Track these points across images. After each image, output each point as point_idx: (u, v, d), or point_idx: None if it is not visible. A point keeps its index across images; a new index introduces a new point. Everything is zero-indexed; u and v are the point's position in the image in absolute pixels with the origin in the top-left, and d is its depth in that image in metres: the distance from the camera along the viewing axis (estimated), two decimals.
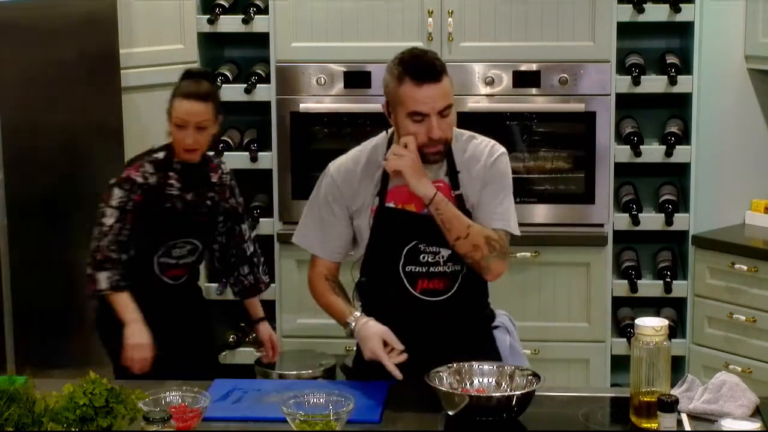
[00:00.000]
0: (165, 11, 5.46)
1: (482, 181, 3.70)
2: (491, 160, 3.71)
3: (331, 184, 3.77)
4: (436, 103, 3.55)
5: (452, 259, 3.70)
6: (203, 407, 3.24)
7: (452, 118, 3.62)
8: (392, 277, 3.71)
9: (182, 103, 4.30)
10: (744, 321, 5.40)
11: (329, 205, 3.76)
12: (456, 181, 3.70)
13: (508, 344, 3.84)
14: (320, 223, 3.79)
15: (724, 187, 5.65)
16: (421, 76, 3.54)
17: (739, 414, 3.26)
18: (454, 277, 3.72)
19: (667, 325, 3.32)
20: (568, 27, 5.44)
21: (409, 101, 3.56)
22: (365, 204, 3.72)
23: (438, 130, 3.56)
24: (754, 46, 5.53)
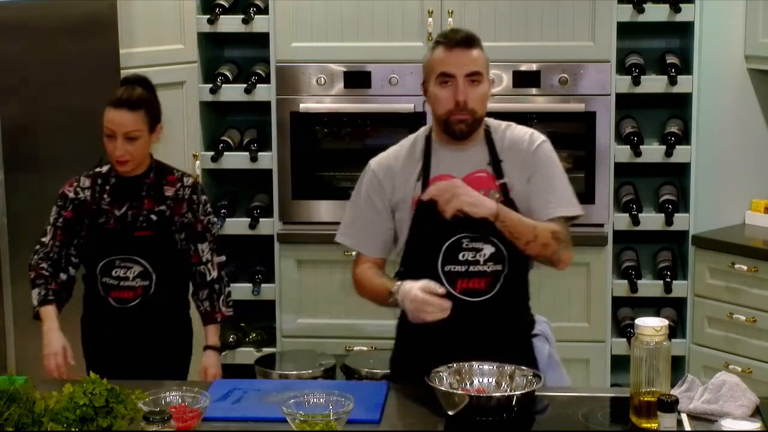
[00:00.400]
0: (165, 11, 5.46)
1: (527, 170, 3.68)
2: (533, 147, 3.71)
3: (373, 180, 3.76)
4: (464, 67, 3.61)
5: (493, 258, 3.66)
6: (203, 407, 3.24)
7: (483, 91, 3.65)
8: (431, 276, 3.64)
9: (110, 112, 4.07)
10: (744, 321, 5.40)
11: (371, 200, 3.75)
12: (499, 170, 3.69)
13: (546, 354, 3.80)
14: (363, 220, 3.78)
15: (724, 187, 5.65)
16: (453, 43, 3.63)
17: (739, 414, 3.27)
18: (495, 277, 3.68)
19: (667, 325, 3.32)
20: (568, 27, 5.44)
21: (437, 64, 3.64)
22: (407, 197, 3.70)
23: (462, 93, 3.59)
24: (754, 46, 5.53)
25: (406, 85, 5.48)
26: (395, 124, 5.54)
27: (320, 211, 5.62)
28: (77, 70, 4.94)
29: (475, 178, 3.67)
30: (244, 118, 5.95)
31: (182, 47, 5.55)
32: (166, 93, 5.46)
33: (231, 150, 5.72)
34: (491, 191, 3.66)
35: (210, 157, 5.65)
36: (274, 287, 5.70)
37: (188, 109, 5.58)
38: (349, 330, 5.65)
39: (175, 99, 5.52)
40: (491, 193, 3.65)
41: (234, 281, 5.73)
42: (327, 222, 5.62)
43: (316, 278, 5.64)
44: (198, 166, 5.61)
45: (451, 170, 3.68)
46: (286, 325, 5.70)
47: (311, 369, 5.29)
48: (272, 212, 5.68)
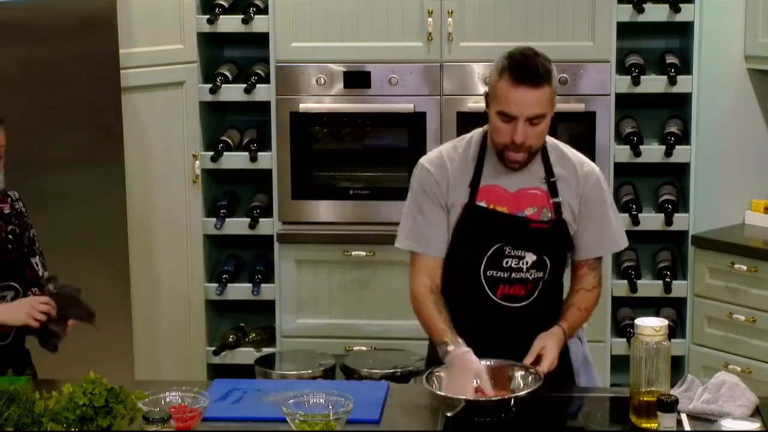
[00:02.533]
0: (165, 11, 5.46)
1: (580, 198, 3.66)
2: (591, 180, 3.68)
3: (429, 179, 3.66)
4: (527, 109, 3.48)
5: (536, 266, 3.65)
6: (203, 407, 3.24)
7: (543, 127, 3.54)
8: (472, 280, 3.65)
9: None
10: (744, 321, 5.40)
11: (428, 198, 3.66)
12: (554, 188, 3.64)
13: (581, 356, 3.81)
14: (423, 218, 3.67)
15: (724, 187, 5.65)
16: (520, 77, 3.47)
17: (738, 414, 3.26)
18: (535, 283, 3.68)
19: (666, 325, 3.32)
20: (567, 27, 5.44)
21: (501, 99, 3.51)
22: (456, 203, 3.64)
23: (521, 135, 3.49)
24: (754, 46, 5.53)
25: (406, 85, 5.48)
26: (395, 124, 5.55)
27: (320, 211, 5.62)
28: (77, 70, 4.94)
29: (530, 195, 3.65)
30: (243, 118, 5.95)
31: (182, 47, 5.55)
32: (165, 93, 5.49)
33: (231, 150, 5.71)
34: (544, 209, 3.64)
35: (210, 157, 5.65)
36: (273, 287, 5.70)
37: (188, 109, 5.58)
38: (348, 330, 5.65)
39: (175, 99, 5.53)
40: (544, 212, 3.64)
41: (233, 281, 5.76)
42: (327, 222, 5.63)
43: (316, 278, 5.64)
44: (198, 166, 5.61)
45: (503, 182, 3.64)
46: (286, 325, 5.70)
47: (311, 369, 5.28)
48: (272, 212, 5.68)
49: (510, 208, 3.63)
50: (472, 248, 3.65)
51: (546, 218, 3.63)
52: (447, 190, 3.65)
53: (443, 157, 3.68)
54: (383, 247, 5.47)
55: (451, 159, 3.68)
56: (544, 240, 3.64)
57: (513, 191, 3.63)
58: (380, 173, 5.62)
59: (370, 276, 5.60)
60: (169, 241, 5.57)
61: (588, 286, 3.75)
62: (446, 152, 3.70)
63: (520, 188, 3.64)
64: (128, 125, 5.24)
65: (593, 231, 3.70)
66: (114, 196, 5.15)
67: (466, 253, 3.66)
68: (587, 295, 3.74)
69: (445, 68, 5.47)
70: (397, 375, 5.18)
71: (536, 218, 3.63)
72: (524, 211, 3.63)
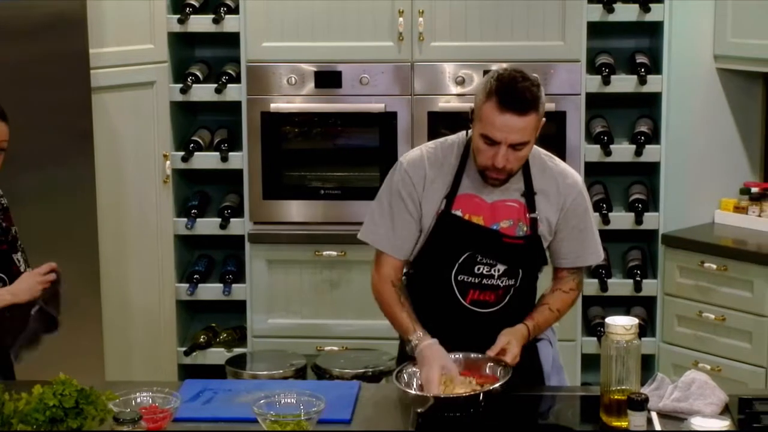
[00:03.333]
0: (135, 11, 5.44)
1: (561, 211, 3.66)
2: (573, 192, 3.67)
3: (406, 180, 3.64)
4: (510, 135, 3.44)
5: (507, 274, 3.65)
6: (174, 408, 3.23)
7: (526, 152, 3.52)
8: (443, 285, 3.65)
9: None
10: (713, 319, 5.42)
11: (402, 199, 3.64)
12: (533, 203, 3.64)
13: (551, 358, 3.81)
14: (391, 218, 3.65)
15: (694, 186, 5.67)
16: (507, 103, 3.42)
17: (708, 412, 3.28)
18: (506, 290, 3.68)
19: (637, 323, 3.33)
20: (538, 27, 5.45)
21: (486, 122, 3.46)
22: (433, 205, 3.63)
23: (503, 160, 3.47)
24: (723, 45, 5.56)
25: (377, 85, 5.48)
26: (366, 124, 5.55)
27: (291, 211, 5.62)
28: (47, 70, 4.91)
29: (507, 207, 3.64)
30: (214, 118, 5.93)
31: (152, 47, 5.53)
32: (136, 93, 5.47)
33: (201, 150, 5.70)
34: (520, 222, 3.64)
35: (180, 157, 5.64)
36: (244, 287, 5.69)
37: (158, 109, 5.57)
38: (319, 330, 5.65)
39: (146, 99, 5.51)
40: (519, 225, 3.63)
41: (204, 281, 5.75)
42: (298, 222, 5.62)
43: (287, 278, 5.64)
44: (168, 166, 5.60)
45: (482, 192, 3.62)
46: (257, 325, 5.70)
47: (282, 369, 5.28)
48: (243, 212, 5.67)
49: (486, 219, 3.62)
50: (445, 254, 3.65)
51: (521, 233, 3.63)
52: (423, 193, 3.63)
53: (423, 159, 3.66)
54: (354, 247, 5.46)
55: (431, 162, 3.65)
56: (516, 254, 3.65)
57: (491, 202, 3.63)
58: (351, 173, 5.62)
59: (341, 276, 5.60)
60: (140, 241, 5.55)
61: (566, 288, 3.76)
62: (427, 154, 3.67)
63: (498, 200, 3.63)
64: (98, 125, 5.22)
65: (574, 242, 3.72)
66: (84, 197, 5.13)
67: (439, 257, 3.66)
68: (563, 296, 3.75)
69: (416, 68, 5.48)
70: (369, 375, 5.18)
71: (511, 233, 3.63)
72: (500, 224, 3.62)
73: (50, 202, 4.92)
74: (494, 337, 3.57)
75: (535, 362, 3.72)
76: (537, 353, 3.75)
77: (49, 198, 4.93)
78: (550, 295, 3.75)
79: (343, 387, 3.68)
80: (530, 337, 3.64)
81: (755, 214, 5.58)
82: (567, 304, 3.77)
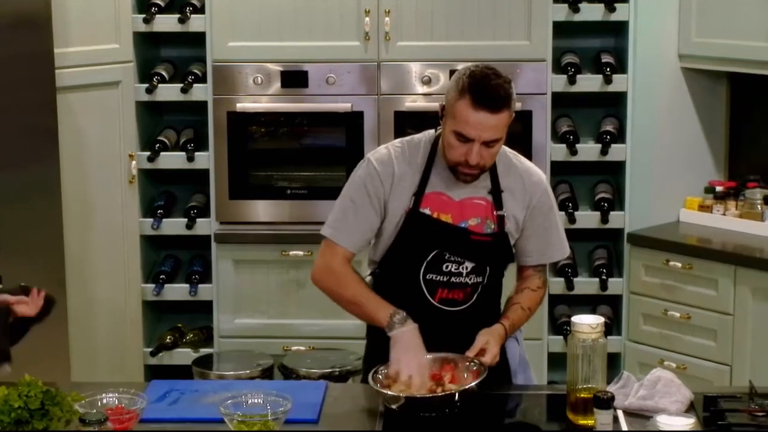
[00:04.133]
0: (100, 10, 5.41)
1: (527, 209, 3.68)
2: (539, 189, 3.70)
3: (374, 176, 3.63)
4: (484, 133, 3.45)
5: (475, 271, 3.66)
6: (140, 408, 3.23)
7: (497, 148, 3.54)
8: (411, 284, 3.65)
9: None
10: (679, 318, 5.45)
11: (368, 194, 3.62)
12: (499, 200, 3.65)
13: (517, 355, 3.82)
14: (353, 211, 3.64)
15: (659, 185, 5.70)
16: (480, 101, 3.44)
17: (673, 410, 3.30)
18: (474, 288, 3.69)
19: (603, 322, 3.35)
20: (504, 26, 5.46)
21: (459, 120, 3.47)
22: (399, 208, 3.62)
23: (476, 156, 3.48)
24: (688, 45, 5.59)
25: (343, 85, 5.48)
26: (333, 124, 5.55)
27: (257, 211, 5.61)
28: (11, 69, 4.89)
29: (474, 204, 3.64)
30: (180, 118, 5.92)
31: (118, 47, 5.51)
32: (101, 93, 5.45)
33: (167, 150, 5.68)
34: (488, 220, 3.65)
35: (146, 157, 5.62)
36: (211, 287, 5.68)
37: (124, 109, 5.55)
38: (286, 330, 5.65)
39: (111, 99, 5.49)
40: (487, 223, 3.64)
41: (171, 281, 5.73)
42: (264, 222, 5.62)
43: (254, 278, 5.63)
44: (134, 166, 5.58)
45: (450, 190, 3.63)
46: (224, 325, 5.69)
47: (249, 369, 5.27)
48: (209, 212, 5.66)
49: (454, 217, 3.63)
50: (413, 252, 3.65)
51: (489, 230, 3.64)
52: (390, 191, 3.63)
53: (391, 157, 3.65)
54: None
55: (398, 160, 3.65)
56: (484, 251, 3.66)
57: (458, 200, 3.64)
58: (318, 173, 5.62)
59: (307, 276, 5.55)
60: (106, 241, 5.53)
61: (533, 287, 3.78)
62: (395, 152, 3.67)
63: (466, 197, 3.64)
64: (64, 125, 5.19)
65: (539, 239, 3.74)
66: (49, 197, 5.11)
67: (406, 256, 3.66)
68: (532, 294, 3.77)
69: (383, 68, 5.48)
70: (336, 374, 5.19)
71: (479, 230, 3.63)
72: (468, 221, 3.63)
73: (15, 203, 4.90)
74: (463, 336, 3.58)
75: (502, 360, 3.73)
76: (504, 351, 3.75)
77: (14, 198, 4.90)
78: (520, 294, 3.76)
79: (310, 387, 3.68)
80: (507, 337, 3.65)
81: (720, 212, 5.61)
82: (536, 302, 3.79)
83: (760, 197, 5.51)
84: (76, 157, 5.34)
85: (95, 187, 5.47)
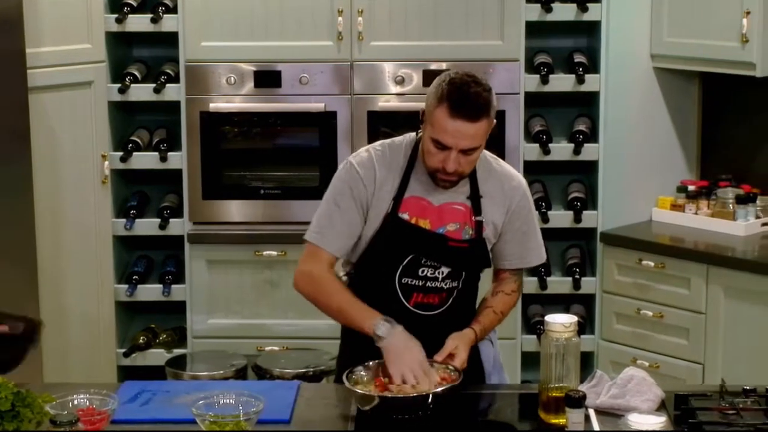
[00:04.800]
0: (72, 10, 5.39)
1: (506, 214, 3.68)
2: (518, 194, 3.70)
3: (356, 179, 3.62)
4: (462, 141, 3.45)
5: (451, 276, 3.66)
6: (111, 409, 3.22)
7: (476, 156, 3.53)
8: (387, 288, 3.64)
9: None
10: (651, 316, 5.47)
11: (352, 197, 3.61)
12: (478, 206, 3.65)
13: (492, 357, 3.82)
14: (338, 215, 3.62)
15: (632, 184, 5.72)
16: (458, 110, 3.43)
17: (645, 408, 3.31)
18: (450, 292, 3.68)
19: (576, 321, 3.36)
20: (477, 26, 5.47)
21: (437, 127, 3.46)
22: (381, 207, 3.61)
23: (454, 164, 3.47)
24: (660, 45, 5.61)
25: (317, 85, 5.48)
26: (306, 124, 5.54)
27: (231, 211, 5.60)
28: None
29: (453, 210, 3.64)
30: (153, 118, 5.90)
31: (90, 47, 5.49)
32: (73, 93, 5.43)
33: (140, 150, 5.67)
34: (466, 226, 3.65)
35: (119, 158, 5.61)
36: (184, 288, 5.67)
37: (96, 109, 5.53)
38: (260, 330, 5.64)
39: (83, 99, 5.47)
40: (466, 229, 3.64)
41: (144, 282, 5.71)
42: (237, 222, 5.61)
43: (227, 278, 5.62)
44: (107, 167, 5.56)
45: (429, 195, 3.62)
46: (197, 325, 5.68)
47: (222, 370, 5.27)
48: (182, 212, 5.65)
49: (432, 222, 3.63)
50: (389, 256, 3.64)
51: (467, 236, 3.64)
52: (373, 194, 3.62)
53: (373, 160, 3.64)
54: (295, 247, 5.42)
55: (380, 163, 3.64)
56: (461, 257, 3.66)
57: (438, 205, 3.64)
58: (291, 173, 5.61)
59: (281, 276, 5.59)
60: (78, 242, 5.51)
61: (508, 290, 3.78)
62: (376, 155, 3.66)
63: (445, 203, 3.64)
64: (36, 125, 5.17)
65: (517, 243, 3.74)
66: (21, 197, 5.09)
67: (382, 260, 3.65)
68: (505, 298, 3.77)
69: (356, 67, 5.48)
70: (309, 374, 5.19)
71: (457, 236, 3.64)
72: (446, 227, 3.63)
73: None
74: (438, 340, 3.58)
75: (476, 362, 3.74)
76: (478, 353, 3.77)
77: None
78: (493, 298, 3.77)
79: (282, 387, 3.68)
80: (477, 341, 3.65)
81: (692, 211, 5.63)
82: (509, 306, 3.79)
83: (732, 196, 5.54)
84: (49, 158, 5.32)
85: (68, 187, 5.45)
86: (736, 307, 5.18)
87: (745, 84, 5.63)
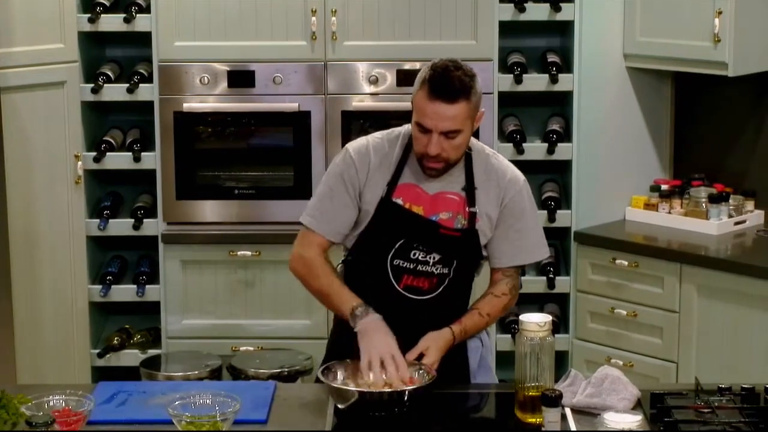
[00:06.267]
0: (45, 10, 5.37)
1: (501, 210, 3.69)
2: (515, 189, 3.71)
3: (351, 166, 3.67)
4: (440, 123, 3.49)
5: (442, 262, 3.67)
6: (88, 410, 3.21)
7: (460, 141, 3.55)
8: (378, 269, 3.66)
9: None
10: (625, 315, 5.48)
11: (344, 183, 3.66)
12: (473, 197, 3.67)
13: (479, 356, 3.82)
14: (330, 199, 3.68)
15: (605, 183, 5.73)
16: (436, 91, 3.49)
17: (621, 407, 3.32)
18: (441, 279, 3.69)
19: (550, 320, 3.37)
20: (450, 26, 5.48)
21: (418, 110, 3.54)
22: (375, 194, 3.66)
23: (436, 147, 3.51)
24: (633, 44, 5.63)
25: (291, 84, 5.48)
26: (280, 123, 5.54)
27: (205, 211, 5.59)
28: None
29: (447, 199, 3.67)
30: (126, 118, 5.88)
31: (62, 46, 5.47)
32: (46, 93, 5.41)
33: (113, 150, 5.65)
34: (459, 216, 3.66)
35: (92, 158, 5.59)
36: (158, 288, 5.65)
37: (69, 109, 5.51)
38: (234, 330, 5.63)
39: (56, 99, 5.45)
40: (458, 218, 3.66)
41: (118, 282, 5.70)
42: (212, 222, 5.60)
43: (201, 279, 5.61)
44: (80, 167, 5.54)
45: (423, 183, 3.66)
46: (172, 326, 5.66)
47: (197, 370, 5.26)
48: (156, 213, 5.63)
49: (426, 210, 3.65)
50: (382, 239, 3.67)
51: (459, 225, 3.66)
52: (366, 180, 3.67)
53: (369, 147, 3.70)
54: (269, 247, 5.46)
55: (376, 151, 3.69)
56: (452, 245, 3.67)
57: (432, 193, 3.66)
58: (265, 173, 5.61)
59: (256, 276, 5.58)
60: (52, 242, 5.49)
61: (497, 293, 3.79)
62: (373, 143, 3.71)
63: (439, 191, 3.66)
64: (8, 126, 5.15)
65: (509, 240, 3.74)
66: None
67: (376, 242, 3.68)
68: (494, 300, 3.77)
69: (330, 67, 5.48)
70: (285, 375, 5.18)
71: (450, 225, 3.66)
72: (439, 215, 3.65)
73: None
74: (426, 326, 3.62)
75: (461, 359, 3.75)
76: (465, 351, 3.78)
77: None
78: (482, 300, 3.78)
79: (258, 387, 3.67)
80: (455, 342, 3.65)
81: (665, 211, 5.66)
82: (498, 309, 3.79)
83: (705, 196, 5.57)
84: (21, 158, 5.30)
85: (41, 187, 5.43)
86: (709, 306, 5.20)
87: (717, 83, 5.66)
